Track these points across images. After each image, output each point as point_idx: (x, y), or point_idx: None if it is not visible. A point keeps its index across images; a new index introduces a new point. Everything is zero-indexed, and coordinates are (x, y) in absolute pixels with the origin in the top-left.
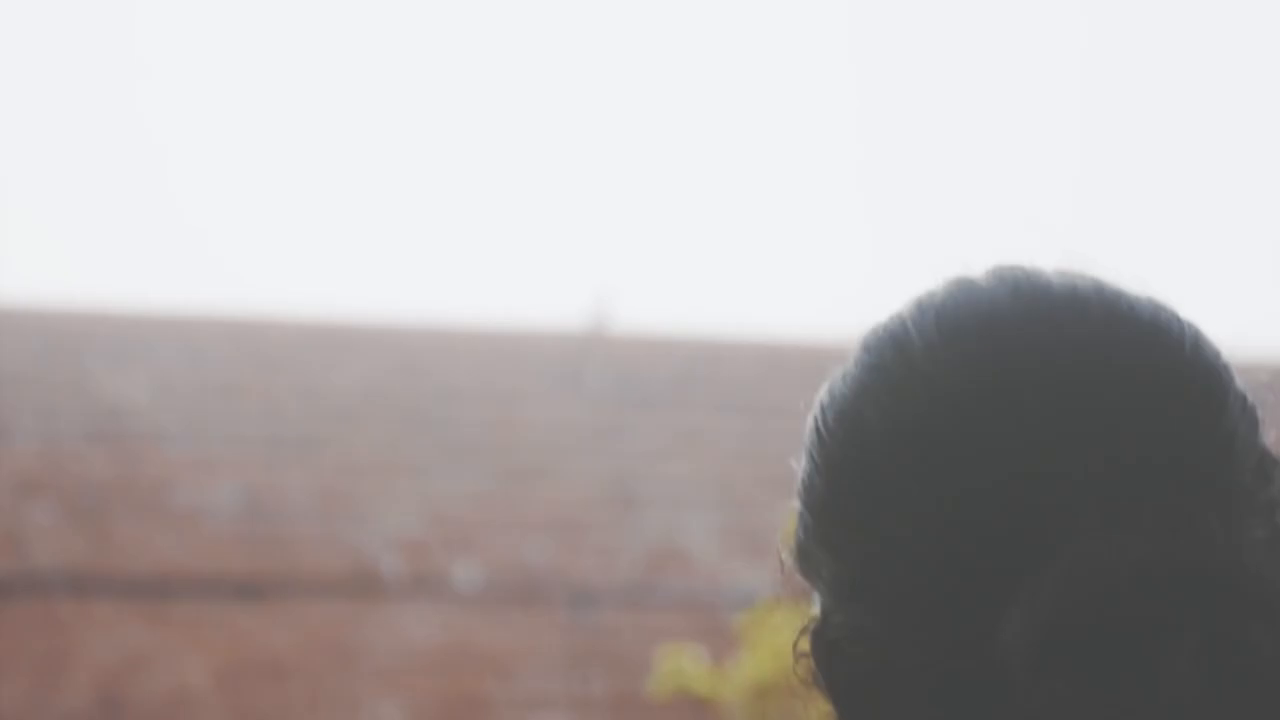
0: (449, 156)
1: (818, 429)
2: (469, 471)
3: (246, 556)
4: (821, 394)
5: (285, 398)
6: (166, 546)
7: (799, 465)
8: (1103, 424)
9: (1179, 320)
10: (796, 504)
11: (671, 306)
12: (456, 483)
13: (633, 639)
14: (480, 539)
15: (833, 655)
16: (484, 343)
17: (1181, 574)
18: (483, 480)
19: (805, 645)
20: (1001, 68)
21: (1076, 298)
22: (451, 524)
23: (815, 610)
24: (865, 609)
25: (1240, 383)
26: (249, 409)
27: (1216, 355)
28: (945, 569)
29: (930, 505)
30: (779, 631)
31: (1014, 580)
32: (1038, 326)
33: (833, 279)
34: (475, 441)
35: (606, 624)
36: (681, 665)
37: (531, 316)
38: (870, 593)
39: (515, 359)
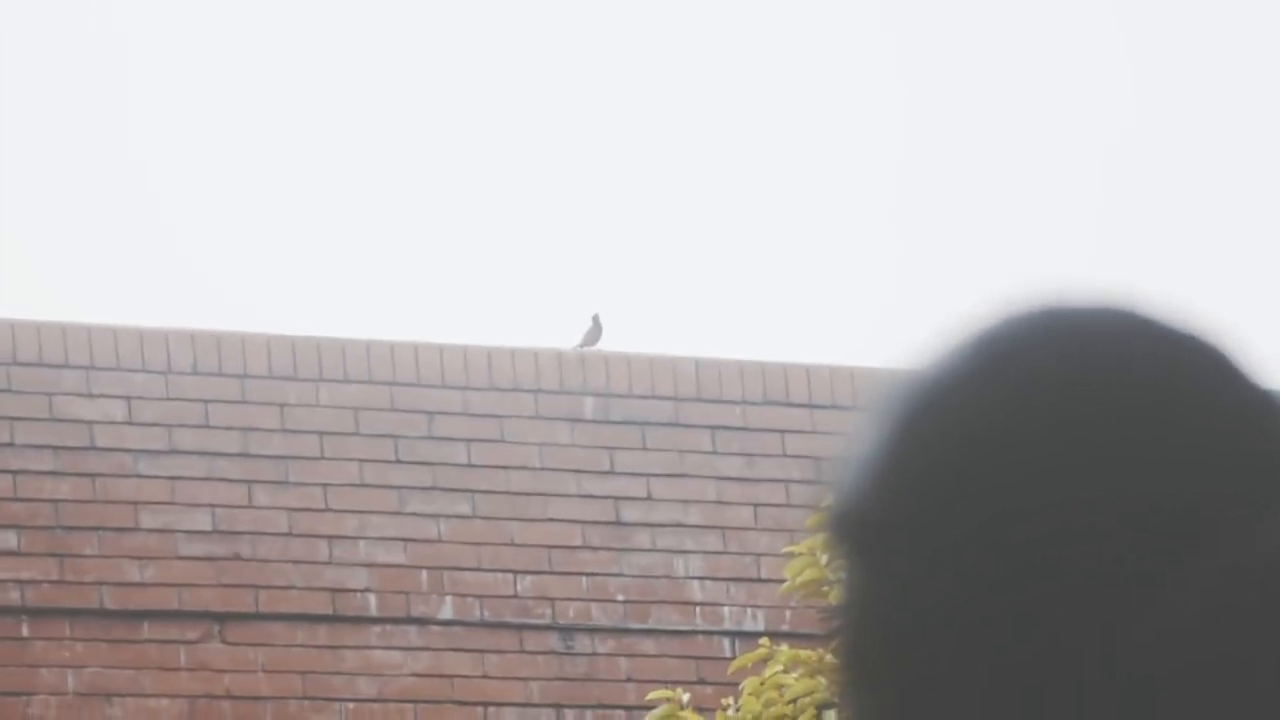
0: (439, 174)
1: (913, 404)
2: (452, 496)
3: (218, 584)
4: (894, 382)
5: (261, 419)
6: (135, 573)
7: (856, 440)
8: (1228, 445)
9: (1243, 355)
10: (853, 479)
11: (667, 328)
12: (439, 508)
13: (623, 673)
14: (464, 567)
15: (891, 643)
16: (471, 363)
17: None
18: (467, 505)
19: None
20: (989, 92)
21: (1178, 329)
22: (434, 551)
23: (848, 597)
24: (950, 601)
25: None
26: (223, 430)
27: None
28: (1072, 565)
29: (1055, 504)
30: (776, 672)
31: (1156, 576)
32: (1148, 351)
33: (831, 303)
34: (460, 465)
35: (596, 656)
36: (674, 708)
37: (522, 336)
38: (962, 581)
39: (504, 381)
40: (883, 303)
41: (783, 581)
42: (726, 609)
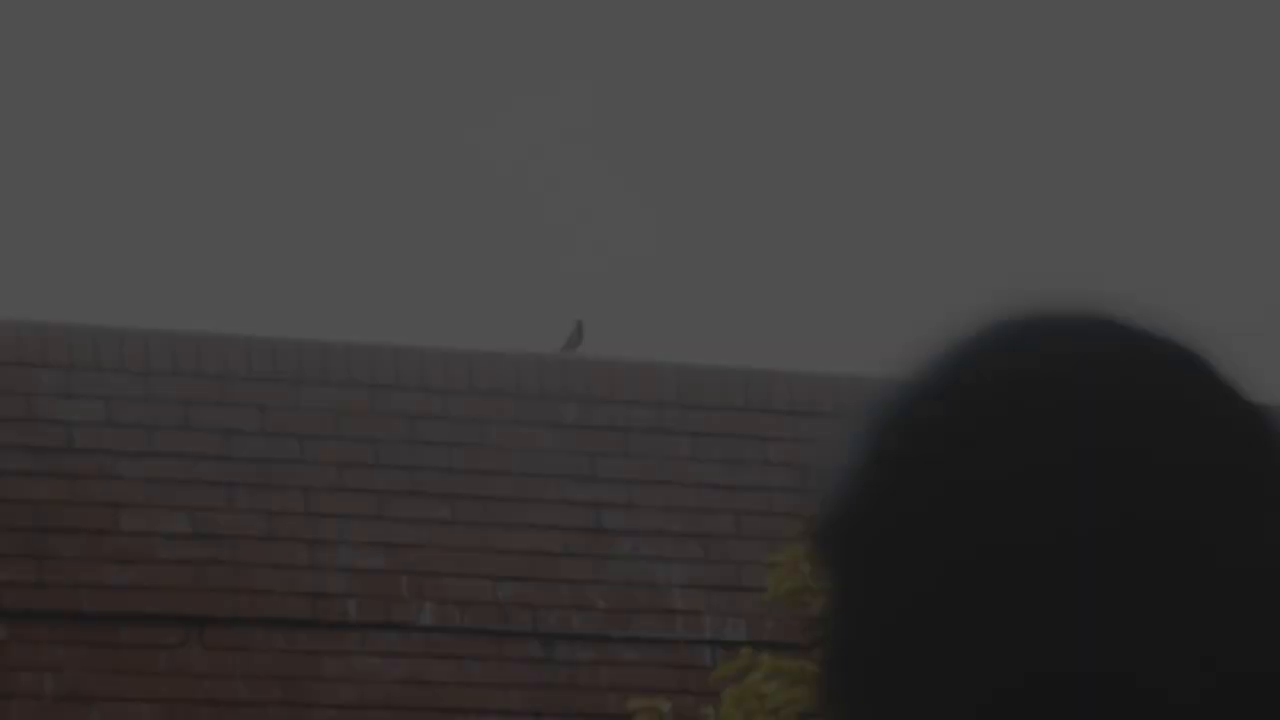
0: (424, 178)
1: (895, 413)
2: (433, 501)
3: (197, 588)
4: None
5: (241, 421)
6: (113, 576)
7: (840, 449)
8: (1213, 452)
9: (1226, 364)
10: (836, 488)
11: (649, 334)
12: (420, 512)
13: (603, 680)
14: (444, 573)
15: (877, 650)
16: (452, 368)
17: None
18: (447, 510)
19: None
20: (983, 85)
21: (1157, 337)
22: (414, 556)
23: (833, 605)
24: (935, 609)
25: None
26: (202, 433)
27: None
28: (1061, 568)
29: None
30: (757, 681)
31: (1147, 580)
32: (1126, 359)
33: (814, 311)
34: (440, 470)
35: (576, 664)
36: (655, 716)
37: (504, 341)
38: (947, 588)
39: (485, 385)
40: (865, 311)
41: (764, 590)
42: (708, 617)
